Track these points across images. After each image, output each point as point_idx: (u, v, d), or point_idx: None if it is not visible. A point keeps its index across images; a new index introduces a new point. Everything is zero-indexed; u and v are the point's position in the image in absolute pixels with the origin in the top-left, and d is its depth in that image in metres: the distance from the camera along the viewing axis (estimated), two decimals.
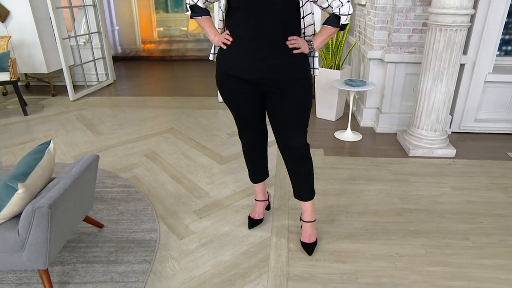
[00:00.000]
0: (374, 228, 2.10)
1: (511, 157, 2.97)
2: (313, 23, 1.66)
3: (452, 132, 3.45)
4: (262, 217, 2.15)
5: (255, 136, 1.95)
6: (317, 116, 3.90)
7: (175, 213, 2.26)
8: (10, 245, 1.49)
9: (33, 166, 1.63)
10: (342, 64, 3.67)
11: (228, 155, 3.03)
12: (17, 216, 1.55)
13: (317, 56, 1.74)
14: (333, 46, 3.57)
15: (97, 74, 5.08)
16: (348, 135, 3.36)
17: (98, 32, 4.96)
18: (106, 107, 4.30)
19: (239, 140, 2.02)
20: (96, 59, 5.03)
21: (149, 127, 3.65)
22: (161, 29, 7.00)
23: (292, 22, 1.60)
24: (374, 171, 2.74)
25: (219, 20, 1.73)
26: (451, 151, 2.96)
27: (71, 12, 4.54)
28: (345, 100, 4.06)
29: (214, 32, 1.74)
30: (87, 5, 4.74)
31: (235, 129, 3.59)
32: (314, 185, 1.92)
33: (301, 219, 1.99)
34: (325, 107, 3.79)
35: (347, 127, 3.46)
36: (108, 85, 5.23)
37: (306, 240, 1.93)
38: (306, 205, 1.93)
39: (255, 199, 2.17)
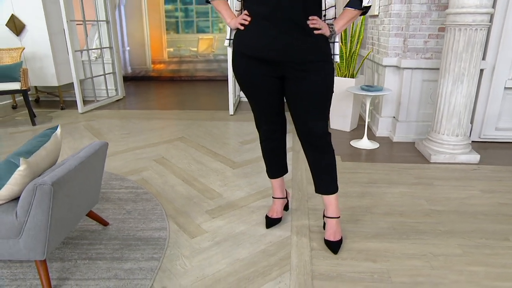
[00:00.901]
0: (402, 228, 1.93)
1: None
2: (335, 5, 1.60)
3: (472, 141, 3.31)
4: (280, 216, 1.99)
5: (273, 125, 1.83)
6: (331, 126, 3.80)
7: (185, 213, 2.11)
8: (6, 229, 1.35)
9: (37, 146, 1.52)
10: (356, 74, 3.61)
11: (241, 161, 2.90)
12: (16, 199, 1.43)
13: (338, 42, 1.66)
14: (347, 55, 3.53)
15: (107, 89, 5.07)
16: (364, 143, 3.23)
17: (110, 47, 5.00)
18: (115, 118, 4.24)
19: (253, 147, 1.91)
20: (107, 74, 5.04)
21: (158, 136, 3.56)
22: (171, 49, 7.09)
23: (313, 1, 1.53)
24: (395, 176, 2.59)
25: (237, 0, 1.68)
26: (475, 157, 2.81)
27: (85, 27, 4.60)
28: (359, 112, 3.97)
29: (231, 15, 1.69)
30: (100, 21, 4.80)
31: (248, 137, 3.49)
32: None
33: (324, 215, 1.84)
34: (340, 117, 3.69)
35: (363, 136, 3.34)
36: (117, 100, 5.21)
37: (331, 238, 1.76)
38: (330, 199, 1.77)
39: (272, 197, 2.02)
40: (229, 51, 4.20)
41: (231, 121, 4.14)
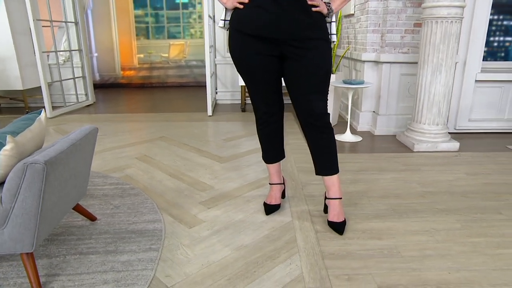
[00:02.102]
0: (400, 208, 1.94)
1: (511, 149, 2.97)
2: None
3: (448, 132, 3.43)
4: (279, 203, 1.94)
5: (271, 107, 1.79)
6: None
7: (178, 204, 2.00)
8: None
9: (22, 128, 1.39)
10: (335, 70, 3.67)
11: (228, 155, 2.83)
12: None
13: (334, 21, 1.67)
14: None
15: (76, 94, 4.83)
16: (348, 137, 3.26)
17: (79, 50, 4.78)
18: (87, 122, 4.02)
19: (237, 143, 1.87)
20: (76, 78, 4.80)
21: (137, 136, 3.41)
22: (142, 55, 6.92)
23: None
24: (383, 164, 2.63)
25: None
26: (455, 145, 2.92)
27: (52, 28, 4.37)
28: (339, 108, 4.02)
29: None
30: (68, 22, 4.60)
31: (230, 135, 3.42)
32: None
33: (326, 197, 1.80)
34: None
35: (345, 131, 3.38)
36: (87, 106, 4.97)
37: (335, 219, 1.73)
38: (332, 180, 1.74)
39: (269, 183, 1.97)
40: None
41: (210, 121, 4.06)
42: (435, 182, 2.30)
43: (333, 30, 1.67)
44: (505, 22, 4.37)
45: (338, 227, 1.70)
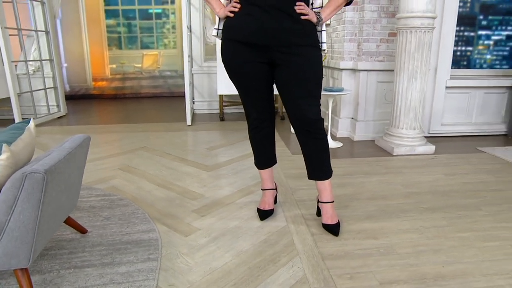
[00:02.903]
0: (389, 209, 2.01)
1: (482, 150, 3.15)
2: None
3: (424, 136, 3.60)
4: (272, 208, 1.95)
5: (262, 114, 1.82)
6: (292, 131, 3.88)
7: (171, 214, 1.97)
8: None
9: (14, 137, 1.33)
10: None
11: (213, 164, 2.82)
12: None
13: (325, 30, 1.73)
14: None
15: (48, 105, 4.64)
16: (329, 143, 3.34)
17: (50, 60, 4.62)
18: (61, 134, 3.88)
19: (221, 151, 1.89)
20: (48, 88, 4.63)
21: (117, 147, 3.32)
22: (114, 66, 6.77)
23: None
24: (366, 168, 2.71)
25: None
26: (431, 148, 3.07)
27: (20, 37, 4.20)
28: None
29: (220, 5, 1.70)
30: (39, 31, 4.44)
31: (213, 144, 3.41)
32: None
33: (318, 201, 1.84)
34: None
35: None
36: (59, 117, 4.79)
37: (329, 222, 1.76)
38: (324, 185, 1.78)
39: (262, 189, 1.98)
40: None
41: (189, 131, 4.03)
42: (417, 183, 2.40)
43: (324, 39, 1.72)
44: (465, 33, 4.69)
45: (333, 229, 1.74)
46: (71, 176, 1.42)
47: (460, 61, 4.65)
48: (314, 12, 1.64)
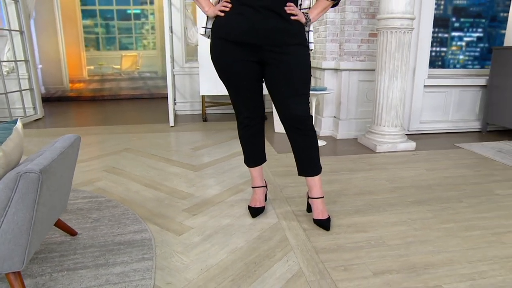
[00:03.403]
0: (376, 203, 2.07)
1: (460, 146, 3.29)
2: None
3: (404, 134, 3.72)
4: (263, 205, 1.97)
5: (252, 112, 1.84)
6: (276, 131, 3.92)
7: (161, 213, 1.95)
8: None
9: (3, 138, 1.29)
10: None
11: (200, 164, 2.81)
12: None
13: (312, 31, 1.77)
14: None
15: (24, 107, 4.49)
16: None
17: (26, 60, 4.47)
18: (40, 137, 3.76)
19: (207, 151, 1.91)
20: (23, 90, 4.47)
21: (100, 149, 3.25)
22: (92, 67, 6.61)
23: None
24: (351, 165, 2.78)
25: None
26: (412, 144, 3.17)
27: None
28: None
29: (208, 4, 1.71)
30: (13, 30, 4.29)
31: (198, 144, 3.40)
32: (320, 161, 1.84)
33: (309, 197, 1.87)
34: None
35: None
36: (36, 120, 4.64)
37: (320, 217, 1.80)
38: (314, 181, 1.82)
39: (252, 187, 2.00)
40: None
41: (173, 132, 3.99)
42: (400, 178, 2.48)
43: (311, 39, 1.77)
44: (440, 35, 4.89)
45: (324, 224, 1.78)
46: (63, 176, 1.40)
47: (435, 61, 4.83)
48: (303, 12, 1.68)
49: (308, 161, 1.80)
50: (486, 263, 1.50)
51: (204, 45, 4.24)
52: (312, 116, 1.76)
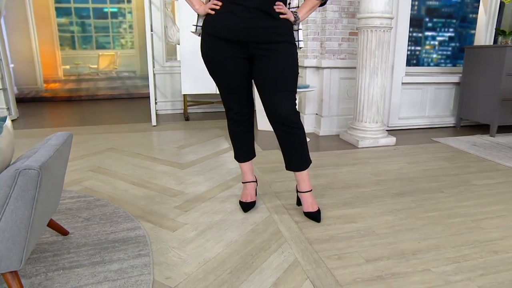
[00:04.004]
0: (363, 195, 2.15)
1: (437, 141, 3.44)
2: None
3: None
4: (254, 200, 2.01)
5: (242, 107, 1.87)
6: (259, 128, 3.96)
7: (153, 211, 1.95)
8: None
9: None
10: None
11: (186, 162, 2.81)
12: None
13: (301, 29, 1.82)
14: None
15: None
16: None
17: None
18: (16, 138, 3.64)
19: (192, 150, 1.93)
20: None
21: (83, 149, 3.19)
22: (67, 67, 6.43)
23: None
24: (336, 160, 2.86)
25: None
26: (392, 139, 3.29)
27: None
28: None
29: (199, 2, 1.73)
30: None
31: (182, 143, 3.39)
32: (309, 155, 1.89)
33: (298, 191, 1.92)
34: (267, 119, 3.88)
35: None
36: (11, 121, 4.47)
37: (310, 209, 1.85)
38: (302, 175, 1.87)
39: (242, 182, 2.03)
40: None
41: (155, 131, 3.96)
42: (384, 171, 2.58)
43: (300, 37, 1.81)
44: (414, 34, 5.07)
45: (315, 216, 1.83)
46: (57, 174, 1.38)
47: (410, 60, 5.01)
48: (292, 11, 1.73)
49: (296, 156, 1.84)
50: (468, 247, 1.59)
51: (186, 44, 4.23)
52: (299, 112, 1.80)
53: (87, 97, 6.52)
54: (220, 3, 1.64)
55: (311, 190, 1.89)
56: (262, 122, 3.94)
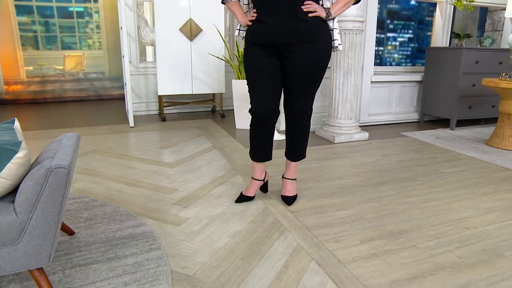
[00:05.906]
0: (347, 186, 2.34)
1: (405, 135, 3.73)
2: None
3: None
4: (253, 196, 2.12)
5: (269, 104, 1.89)
6: (237, 127, 4.07)
7: (153, 208, 2.02)
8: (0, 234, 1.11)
9: (15, 137, 1.29)
10: None
11: (174, 161, 2.87)
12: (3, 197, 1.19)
13: (336, 28, 1.87)
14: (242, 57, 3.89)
15: None
16: (276, 136, 3.61)
17: None
18: None
19: (177, 149, 2.07)
20: None
21: None
22: (30, 68, 6.15)
23: None
24: (316, 155, 3.04)
25: (244, 4, 1.97)
26: (365, 135, 3.53)
27: None
28: None
29: (242, 14, 1.94)
30: None
31: (165, 143, 3.44)
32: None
33: (283, 177, 2.11)
34: (245, 118, 4.00)
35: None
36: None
37: (286, 194, 2.08)
38: (293, 165, 2.08)
39: (252, 177, 2.11)
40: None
41: (134, 132, 3.95)
42: (362, 164, 2.79)
43: (335, 37, 1.88)
44: (377, 35, 5.40)
45: (288, 200, 2.06)
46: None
47: (375, 60, 5.35)
48: (324, 8, 1.81)
49: (297, 147, 2.05)
50: (445, 225, 1.82)
51: (162, 45, 4.25)
52: (312, 110, 1.98)
53: (53, 99, 6.29)
54: (255, 15, 1.83)
55: (295, 179, 2.10)
56: (240, 120, 4.06)
